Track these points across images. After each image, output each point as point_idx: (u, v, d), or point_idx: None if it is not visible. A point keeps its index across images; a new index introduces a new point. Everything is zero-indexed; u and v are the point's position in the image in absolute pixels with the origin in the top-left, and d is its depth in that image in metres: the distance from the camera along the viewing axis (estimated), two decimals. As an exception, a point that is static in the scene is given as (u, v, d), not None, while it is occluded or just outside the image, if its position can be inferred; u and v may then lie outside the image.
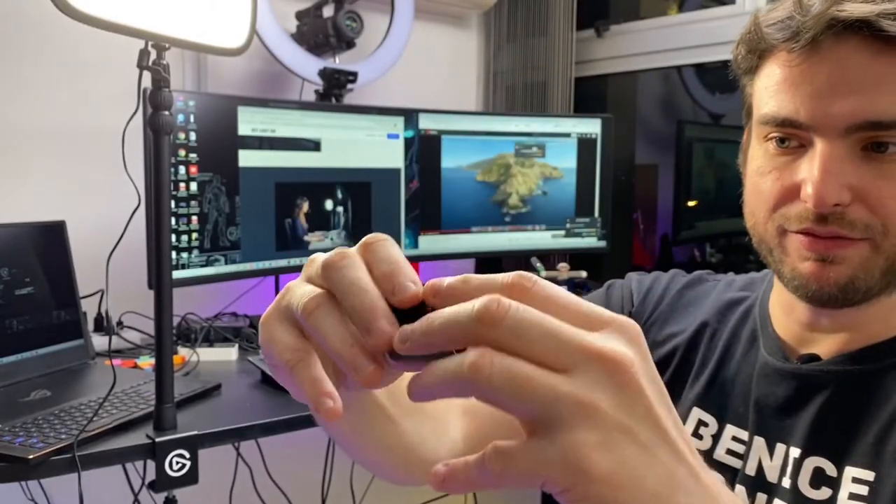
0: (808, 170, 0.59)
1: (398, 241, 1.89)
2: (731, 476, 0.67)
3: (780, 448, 0.65)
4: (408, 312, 0.34)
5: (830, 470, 0.62)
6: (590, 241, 2.05)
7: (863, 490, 0.61)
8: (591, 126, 2.03)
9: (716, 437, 0.69)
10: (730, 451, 0.68)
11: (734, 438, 0.69)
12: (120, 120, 1.11)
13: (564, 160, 2.02)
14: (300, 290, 0.38)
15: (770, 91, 0.61)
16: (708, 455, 0.69)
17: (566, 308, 0.33)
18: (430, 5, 2.17)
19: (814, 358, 0.67)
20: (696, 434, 0.70)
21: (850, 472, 0.61)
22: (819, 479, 0.63)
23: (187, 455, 1.13)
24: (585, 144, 2.03)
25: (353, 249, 0.38)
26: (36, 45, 1.62)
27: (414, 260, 1.85)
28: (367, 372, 0.35)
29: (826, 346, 0.67)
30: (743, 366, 0.71)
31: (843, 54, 0.56)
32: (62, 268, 1.49)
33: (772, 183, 0.62)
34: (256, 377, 1.44)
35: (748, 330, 0.73)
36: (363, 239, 0.38)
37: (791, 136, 0.61)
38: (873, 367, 0.64)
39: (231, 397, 1.37)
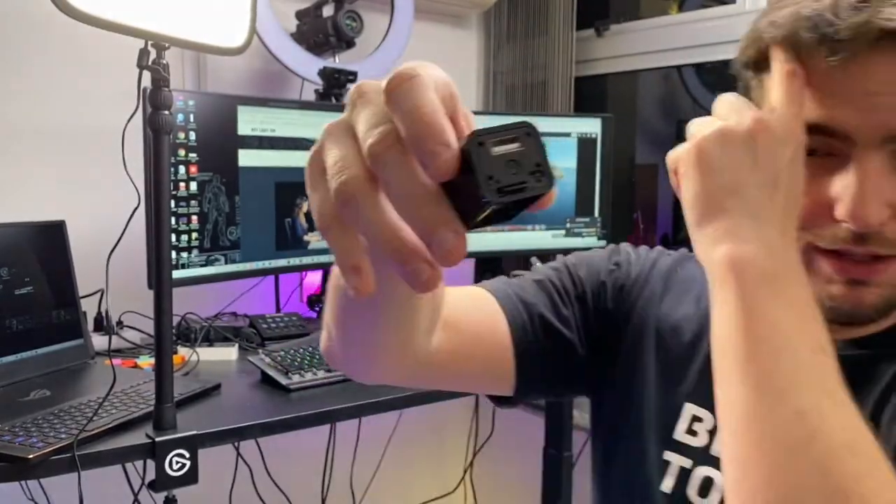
0: (845, 186, 0.55)
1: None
2: None
3: None
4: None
5: None
6: (590, 241, 2.05)
7: None
8: (591, 126, 2.03)
9: (712, 433, 0.67)
10: None
11: None
12: (120, 119, 1.11)
13: (564, 160, 2.02)
14: (338, 158, 0.33)
15: None
16: (705, 451, 0.67)
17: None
18: (430, 5, 2.17)
19: None
20: (690, 431, 0.68)
21: None
22: None
23: (187, 455, 1.13)
24: (585, 144, 2.03)
25: (380, 108, 0.33)
26: (36, 44, 1.62)
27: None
28: (424, 278, 0.32)
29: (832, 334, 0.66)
30: None
31: (878, 63, 0.53)
32: (62, 267, 1.49)
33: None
34: (256, 377, 1.44)
35: None
36: (388, 80, 0.33)
37: (819, 146, 0.57)
38: (877, 352, 0.63)
39: (231, 397, 1.37)
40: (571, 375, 0.76)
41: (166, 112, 1.11)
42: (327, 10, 1.88)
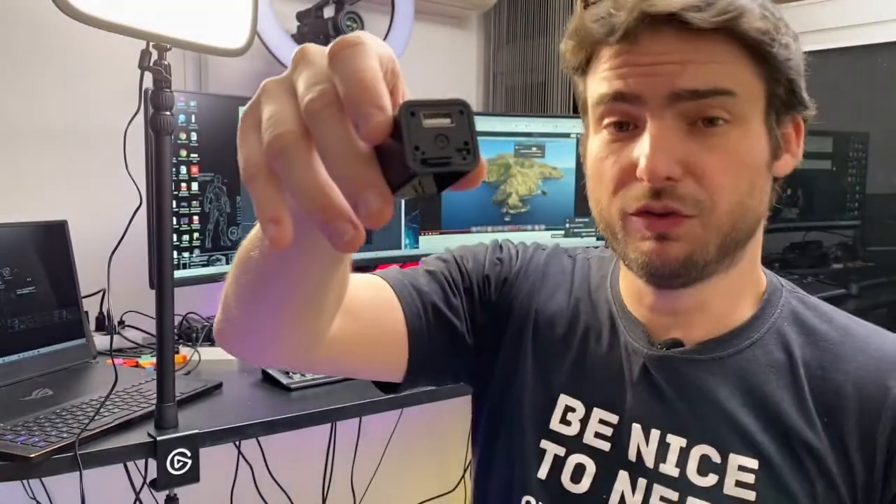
0: (641, 147, 0.62)
1: (399, 242, 1.90)
2: (601, 458, 0.70)
3: (654, 433, 0.68)
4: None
5: (715, 457, 0.65)
6: (589, 241, 2.05)
7: (749, 478, 0.64)
8: (591, 126, 2.04)
9: (583, 422, 0.71)
10: (598, 435, 0.70)
11: (602, 422, 0.71)
12: (121, 120, 1.12)
13: (564, 160, 2.03)
14: (274, 112, 0.34)
15: (600, 77, 0.65)
16: (578, 440, 0.71)
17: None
18: (429, 6, 2.18)
19: (677, 343, 0.69)
20: (564, 420, 0.72)
21: (735, 459, 0.64)
22: (706, 466, 0.65)
23: (188, 454, 1.14)
24: (585, 144, 2.04)
25: (329, 74, 0.34)
26: (38, 46, 1.63)
27: (414, 260, 1.85)
28: (347, 238, 0.32)
29: (680, 329, 0.70)
30: (608, 350, 0.73)
31: (660, 42, 0.61)
32: (64, 267, 1.50)
33: (610, 167, 0.65)
34: (257, 376, 1.45)
35: (605, 313, 0.75)
36: (332, 44, 0.34)
37: (624, 118, 0.64)
38: (736, 350, 0.68)
39: (232, 396, 1.37)
40: (458, 363, 0.79)
41: (168, 113, 1.11)
42: (328, 12, 1.89)
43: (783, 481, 0.63)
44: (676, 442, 0.67)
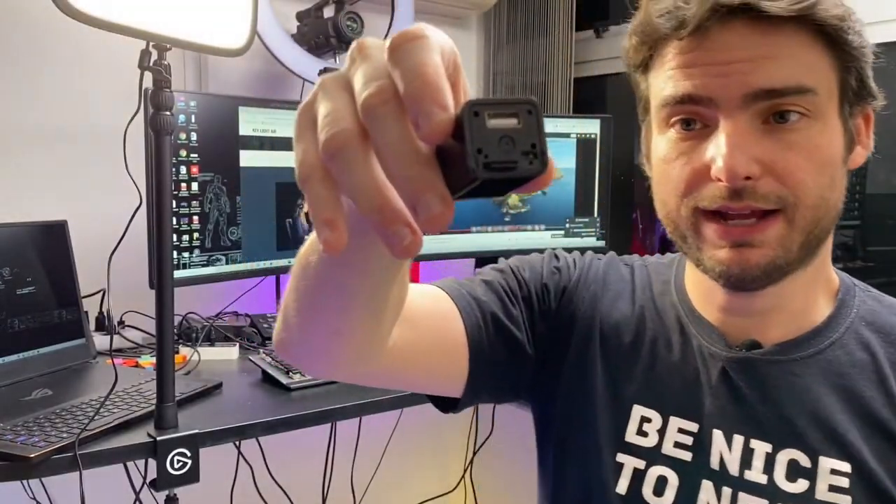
0: (716, 147, 0.59)
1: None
2: (683, 468, 0.67)
3: (737, 439, 0.66)
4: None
5: (805, 461, 0.63)
6: (589, 241, 2.05)
7: (842, 482, 0.61)
8: (591, 126, 2.04)
9: (661, 432, 0.69)
10: (678, 444, 0.68)
11: (681, 430, 0.68)
12: (121, 120, 1.12)
13: (564, 160, 2.03)
14: (330, 110, 0.32)
15: (666, 76, 0.62)
16: (656, 451, 0.68)
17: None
18: (429, 6, 2.17)
19: (755, 344, 0.68)
20: (640, 432, 0.69)
21: (826, 462, 0.62)
22: (795, 471, 0.63)
23: (188, 454, 1.14)
24: (585, 144, 2.04)
25: (380, 64, 0.32)
26: (38, 45, 1.63)
27: (414, 260, 1.85)
28: (406, 243, 0.30)
29: (760, 330, 0.68)
30: (680, 355, 0.70)
31: (732, 36, 0.58)
32: (64, 267, 1.50)
33: (680, 168, 0.63)
34: (257, 376, 1.45)
35: (672, 318, 0.73)
36: (394, 37, 0.32)
37: (694, 116, 0.61)
38: (814, 351, 0.66)
39: (232, 396, 1.37)
40: (520, 376, 0.76)
41: (167, 113, 1.11)
42: (328, 12, 1.88)
43: (879, 485, 0.60)
44: (761, 447, 0.64)
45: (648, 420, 0.70)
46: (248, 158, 1.63)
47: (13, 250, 1.41)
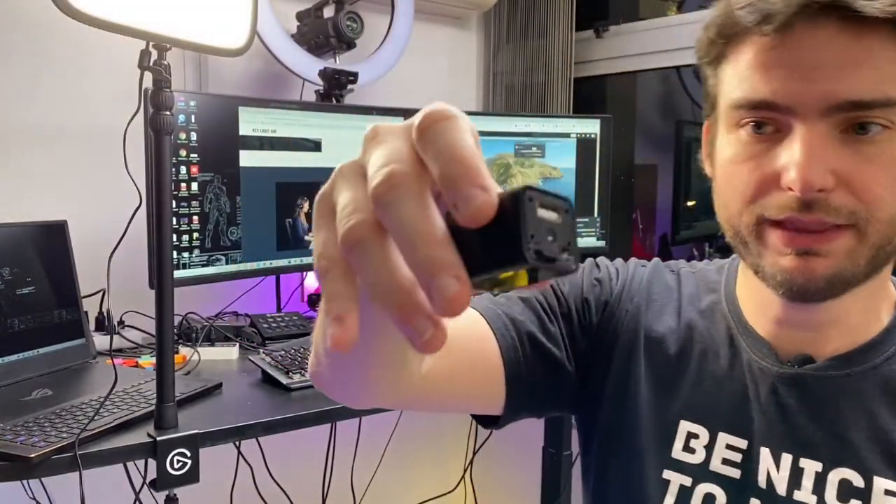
0: (790, 155, 0.56)
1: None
2: (731, 486, 0.65)
3: (785, 458, 0.63)
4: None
5: (858, 481, 0.60)
6: (589, 241, 2.05)
7: None
8: (591, 126, 2.04)
9: (709, 448, 0.66)
10: (727, 461, 0.65)
11: (729, 447, 0.66)
12: (121, 120, 1.12)
13: (564, 160, 2.03)
14: (348, 201, 0.31)
15: (742, 75, 0.59)
16: (704, 468, 0.66)
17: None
18: (430, 6, 2.17)
19: (807, 359, 0.65)
20: (687, 448, 0.67)
21: (881, 483, 0.59)
22: (847, 491, 0.60)
23: (188, 454, 1.14)
24: (585, 144, 2.04)
25: (401, 151, 0.30)
26: (37, 45, 1.63)
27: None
28: (427, 337, 0.29)
29: (815, 344, 0.65)
30: (728, 369, 0.68)
31: (819, 36, 0.55)
32: (64, 267, 1.50)
33: (749, 172, 0.59)
34: (257, 376, 1.45)
35: (722, 330, 0.70)
36: (420, 116, 0.30)
37: (767, 121, 0.58)
38: (870, 366, 0.63)
39: (232, 396, 1.37)
40: (560, 393, 0.74)
41: (167, 113, 1.11)
42: (328, 12, 1.88)
43: None
44: (811, 466, 0.62)
45: (696, 436, 0.67)
46: (247, 158, 1.63)
47: (13, 250, 1.41)
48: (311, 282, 1.98)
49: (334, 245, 0.31)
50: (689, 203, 2.23)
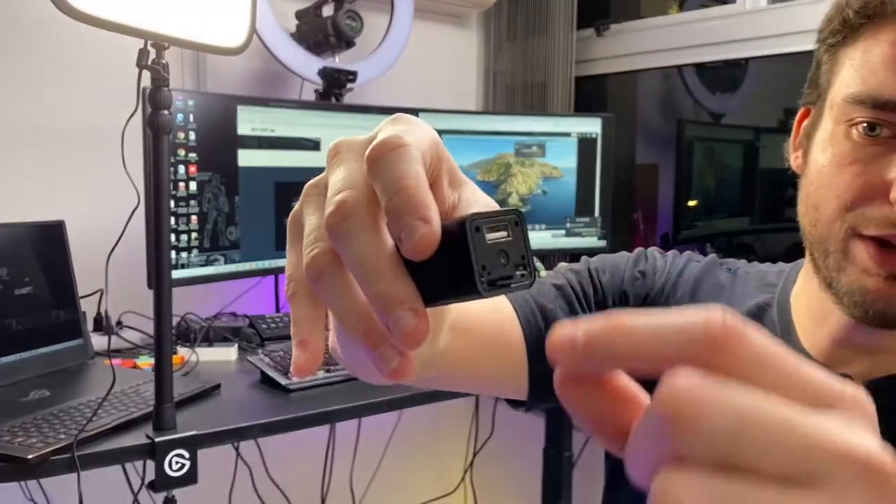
0: None
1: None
2: None
3: None
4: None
5: None
6: (590, 241, 2.04)
7: None
8: (592, 125, 2.03)
9: None
10: None
11: None
12: (119, 119, 1.11)
13: (564, 160, 2.02)
14: (311, 228, 0.31)
15: (872, 67, 0.52)
16: None
17: (788, 377, 0.22)
18: (430, 4, 2.17)
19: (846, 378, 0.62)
20: None
21: None
22: None
23: (187, 455, 1.13)
24: (585, 144, 2.03)
25: (356, 176, 0.30)
26: (35, 44, 1.62)
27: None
28: (393, 366, 0.29)
29: (857, 366, 0.61)
30: None
31: None
32: (61, 267, 1.49)
33: (852, 177, 0.53)
34: (256, 377, 1.44)
35: None
36: (372, 144, 0.29)
37: (885, 124, 0.52)
38: None
39: (230, 397, 1.36)
40: None
41: (166, 112, 1.11)
42: (327, 10, 1.88)
43: None
44: None
45: None
46: (246, 158, 1.62)
47: (10, 250, 1.40)
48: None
49: (300, 270, 0.31)
50: (691, 203, 2.22)
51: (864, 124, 0.53)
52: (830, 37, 0.57)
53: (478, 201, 0.32)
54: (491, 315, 0.67)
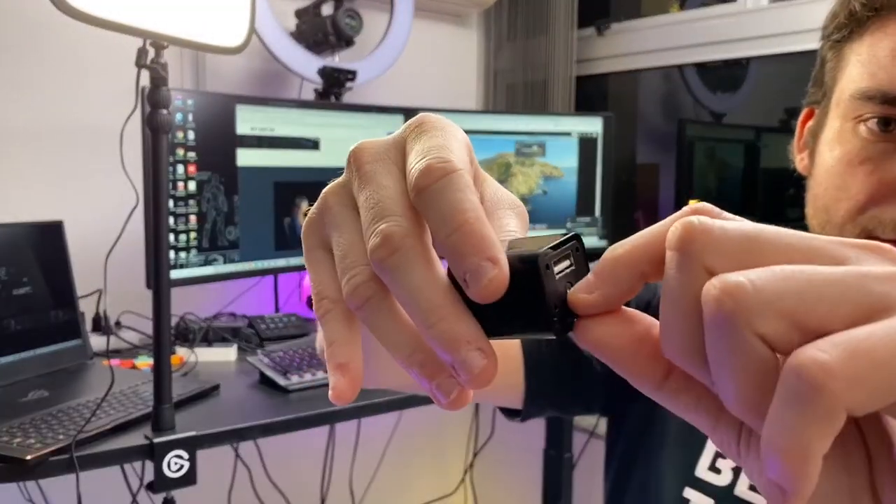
0: None
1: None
2: None
3: None
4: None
5: None
6: (590, 241, 2.04)
7: None
8: (592, 125, 2.03)
9: (737, 471, 0.62)
10: (754, 487, 0.61)
11: None
12: (118, 119, 1.11)
13: (565, 159, 2.02)
14: (345, 250, 0.28)
15: (880, 61, 0.51)
16: (728, 491, 0.62)
17: (789, 249, 0.23)
18: (429, 3, 2.16)
19: None
20: (713, 468, 0.64)
21: None
22: None
23: (186, 456, 1.13)
24: (586, 143, 2.03)
25: (396, 199, 0.27)
26: (34, 43, 1.62)
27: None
28: (452, 397, 0.27)
29: None
30: None
31: None
32: (60, 267, 1.48)
33: (864, 176, 0.51)
34: (255, 377, 1.43)
35: None
36: (417, 169, 0.26)
37: (895, 119, 0.51)
38: None
39: (229, 398, 1.36)
40: (586, 392, 0.71)
41: (165, 111, 1.10)
42: (326, 9, 1.87)
43: None
44: None
45: (723, 456, 0.62)
46: (245, 157, 1.62)
47: (9, 250, 1.40)
48: (309, 282, 1.97)
49: (333, 285, 0.29)
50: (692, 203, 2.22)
51: (875, 120, 0.51)
52: (835, 32, 0.55)
53: (502, 200, 0.29)
54: None
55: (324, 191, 0.30)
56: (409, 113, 1.86)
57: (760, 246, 0.22)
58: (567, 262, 0.27)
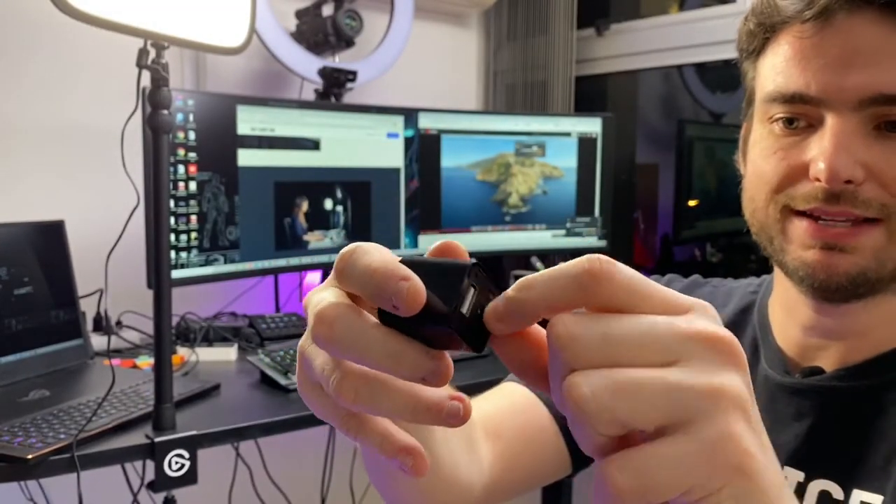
0: (819, 146, 0.56)
1: (398, 241, 1.89)
2: None
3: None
4: (423, 320, 0.31)
5: (837, 493, 0.59)
6: (590, 241, 2.04)
7: None
8: (592, 125, 2.03)
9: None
10: None
11: None
12: (119, 119, 1.11)
13: (565, 159, 2.02)
14: (321, 366, 0.34)
15: (778, 67, 0.58)
16: None
17: (651, 297, 0.30)
18: (429, 4, 2.17)
19: (816, 371, 0.63)
20: None
21: (858, 495, 0.58)
22: (825, 503, 0.59)
23: (186, 455, 1.13)
24: (586, 143, 2.03)
25: (327, 292, 0.34)
26: (35, 44, 1.62)
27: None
28: (464, 410, 0.32)
29: (829, 357, 0.63)
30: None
31: (857, 27, 0.54)
32: (61, 267, 1.49)
33: (776, 163, 0.59)
34: (255, 377, 1.44)
35: (748, 339, 0.70)
36: (336, 262, 0.34)
37: (800, 116, 0.58)
38: (879, 381, 0.60)
39: (230, 397, 1.36)
40: None
41: (165, 111, 1.11)
42: (327, 10, 1.88)
43: None
44: (794, 476, 0.60)
45: None
46: (246, 158, 1.62)
47: (10, 250, 1.40)
48: (310, 282, 1.97)
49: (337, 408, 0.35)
50: (691, 203, 2.22)
51: (782, 119, 0.58)
52: (746, 49, 0.62)
53: None
54: (514, 408, 0.70)
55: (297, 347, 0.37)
56: (408, 113, 1.86)
57: (616, 344, 0.29)
58: (471, 290, 0.32)
